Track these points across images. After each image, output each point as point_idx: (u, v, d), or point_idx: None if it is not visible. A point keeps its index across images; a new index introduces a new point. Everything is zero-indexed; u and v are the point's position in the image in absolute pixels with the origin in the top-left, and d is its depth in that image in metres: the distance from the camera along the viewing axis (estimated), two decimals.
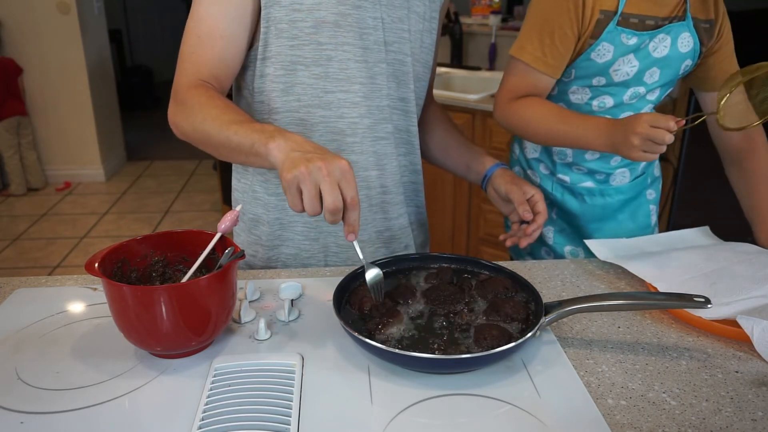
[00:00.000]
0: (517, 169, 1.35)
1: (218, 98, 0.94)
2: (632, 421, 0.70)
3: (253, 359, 0.79)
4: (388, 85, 1.05)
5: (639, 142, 1.00)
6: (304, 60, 0.99)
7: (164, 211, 4.03)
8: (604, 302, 0.84)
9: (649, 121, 0.99)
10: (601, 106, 1.21)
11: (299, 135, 0.84)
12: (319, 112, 1.02)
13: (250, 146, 0.84)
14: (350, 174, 0.77)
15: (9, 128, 4.04)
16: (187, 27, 0.98)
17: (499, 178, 1.12)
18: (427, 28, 1.10)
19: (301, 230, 1.10)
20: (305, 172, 0.75)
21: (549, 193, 1.31)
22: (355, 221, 0.79)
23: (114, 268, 0.83)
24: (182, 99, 0.95)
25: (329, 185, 0.75)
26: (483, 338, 0.78)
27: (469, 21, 3.30)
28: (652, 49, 1.14)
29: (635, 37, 1.12)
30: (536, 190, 1.07)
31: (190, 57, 0.98)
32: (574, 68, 1.17)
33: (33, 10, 4.05)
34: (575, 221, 1.33)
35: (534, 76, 1.17)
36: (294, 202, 0.78)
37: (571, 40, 1.13)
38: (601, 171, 1.29)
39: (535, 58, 1.15)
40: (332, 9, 0.97)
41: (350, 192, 0.77)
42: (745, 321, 0.84)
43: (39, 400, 0.73)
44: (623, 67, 1.15)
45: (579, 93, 1.21)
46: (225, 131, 0.88)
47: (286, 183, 0.77)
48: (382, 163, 1.08)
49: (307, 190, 0.76)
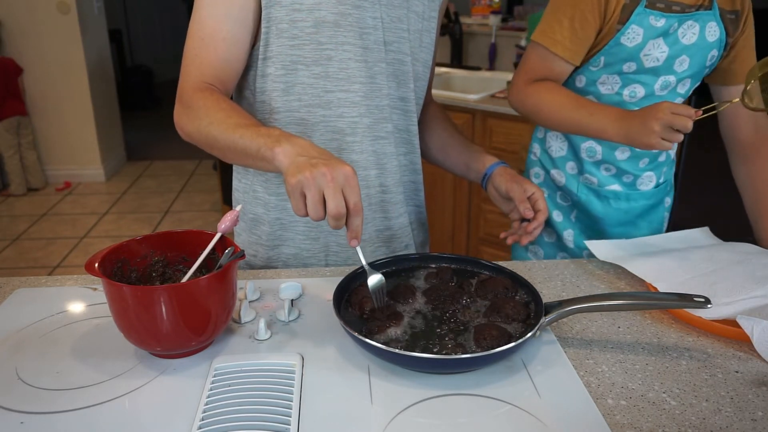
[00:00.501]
0: (536, 170, 1.32)
1: (224, 101, 0.94)
2: (632, 421, 0.70)
3: (253, 359, 0.79)
4: (388, 84, 1.05)
5: (659, 128, 1.00)
6: (304, 60, 0.99)
7: (164, 211, 4.03)
8: (604, 302, 0.84)
9: (671, 108, 0.99)
10: (632, 95, 1.19)
11: (305, 139, 0.85)
12: (319, 111, 1.02)
13: (256, 150, 0.85)
14: (354, 180, 0.78)
15: (9, 128, 4.04)
16: (189, 29, 0.99)
17: (499, 176, 1.11)
18: (426, 28, 1.10)
19: (302, 230, 1.10)
20: (309, 177, 0.76)
21: (573, 194, 1.29)
22: (358, 227, 0.79)
23: (114, 268, 0.83)
24: (188, 102, 0.96)
25: (333, 191, 0.76)
26: (483, 338, 0.78)
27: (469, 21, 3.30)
28: (681, 36, 1.14)
29: (663, 19, 1.11)
30: (537, 188, 1.07)
31: (193, 60, 0.98)
32: (604, 55, 1.16)
33: (33, 10, 4.05)
34: (597, 224, 1.31)
35: (552, 61, 1.17)
36: (298, 206, 0.78)
37: (593, 26, 1.12)
38: (630, 172, 1.28)
39: (554, 42, 1.15)
40: (332, 9, 0.97)
41: (353, 198, 0.77)
42: (745, 321, 0.84)
43: (39, 400, 0.73)
44: (653, 51, 1.14)
45: (609, 83, 1.19)
46: (231, 135, 0.89)
47: (290, 187, 0.78)
48: (381, 163, 1.08)
49: (310, 195, 0.77)
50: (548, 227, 1.31)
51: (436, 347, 0.78)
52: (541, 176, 1.32)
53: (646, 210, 1.32)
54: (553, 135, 1.28)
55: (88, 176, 4.48)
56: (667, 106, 1.00)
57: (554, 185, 1.30)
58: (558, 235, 1.31)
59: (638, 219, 1.32)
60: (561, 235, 1.30)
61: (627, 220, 1.31)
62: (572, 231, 1.31)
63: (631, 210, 1.30)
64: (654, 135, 1.01)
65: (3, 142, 4.04)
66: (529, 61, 1.20)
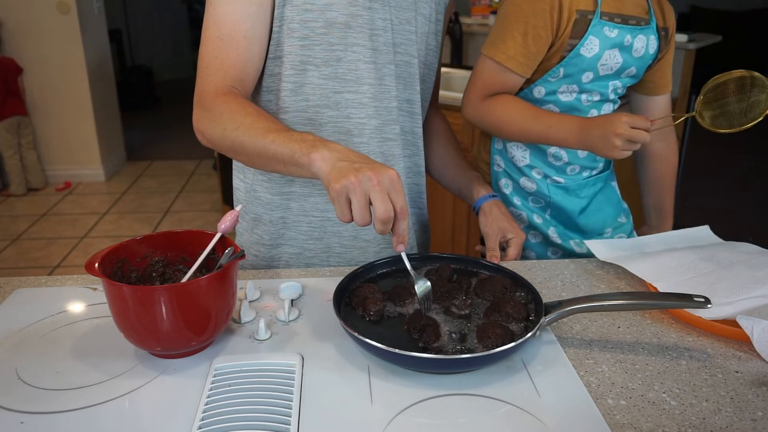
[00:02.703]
0: (505, 180, 1.34)
1: (249, 105, 0.92)
2: (632, 421, 0.70)
3: (253, 359, 0.79)
4: (396, 86, 1.06)
5: (620, 143, 1.07)
6: (314, 60, 0.99)
7: (164, 211, 4.03)
8: (604, 302, 0.84)
9: (629, 123, 1.07)
10: (588, 99, 1.25)
11: (341, 144, 0.83)
12: (327, 112, 1.02)
13: (290, 156, 0.84)
14: (399, 184, 0.77)
15: (9, 128, 4.04)
16: (205, 31, 0.96)
17: (482, 216, 1.15)
18: (432, 30, 1.11)
19: (305, 230, 1.10)
20: (355, 182, 0.75)
21: (546, 196, 1.32)
22: (404, 231, 0.79)
23: (114, 268, 0.83)
24: (209, 106, 0.94)
25: (380, 194, 0.75)
26: (483, 338, 0.78)
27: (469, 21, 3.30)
28: (634, 49, 1.21)
29: (616, 30, 1.17)
30: (516, 234, 1.11)
31: (213, 61, 0.95)
32: (563, 66, 1.19)
33: (33, 10, 4.04)
34: (572, 217, 1.34)
35: (505, 75, 1.20)
36: (343, 212, 0.77)
37: (545, 42, 1.17)
38: (594, 166, 1.34)
39: (508, 57, 1.18)
40: (343, 10, 0.97)
41: (400, 201, 0.77)
42: (745, 321, 0.84)
43: (39, 400, 0.73)
44: (609, 61, 1.19)
45: (567, 91, 1.24)
46: (261, 140, 0.87)
47: (335, 193, 0.77)
48: (388, 164, 1.08)
49: (356, 200, 0.76)
50: (533, 230, 1.34)
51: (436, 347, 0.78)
52: (511, 186, 1.34)
53: (602, 188, 1.37)
54: (514, 145, 1.31)
55: (88, 176, 4.48)
56: (625, 120, 1.07)
57: (525, 192, 1.32)
58: (543, 234, 1.33)
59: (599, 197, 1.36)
60: (546, 234, 1.33)
61: (590, 204, 1.35)
62: (554, 228, 1.34)
63: (595, 194, 1.35)
64: (616, 149, 1.08)
65: (3, 142, 4.04)
66: (482, 75, 1.23)
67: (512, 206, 1.34)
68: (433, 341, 0.79)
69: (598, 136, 1.10)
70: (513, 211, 1.34)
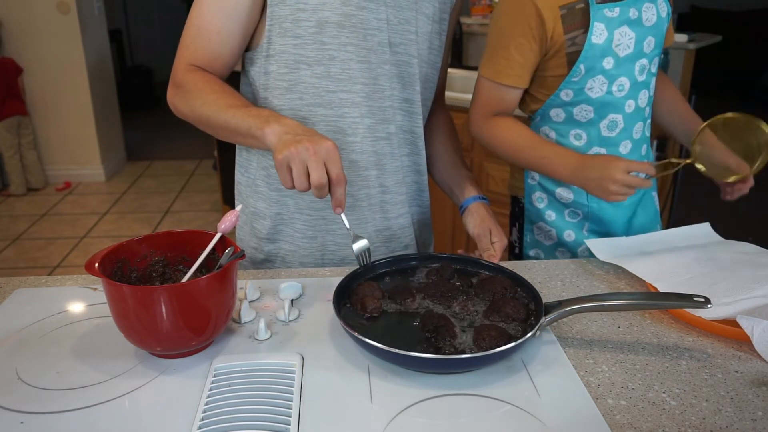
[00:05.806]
0: (539, 194, 1.30)
1: (215, 82, 1.00)
2: (632, 421, 0.70)
3: (253, 359, 0.79)
4: (391, 86, 1.06)
5: (616, 188, 1.07)
6: (306, 59, 1.00)
7: (164, 211, 4.03)
8: (604, 302, 0.84)
9: (627, 168, 1.06)
10: (620, 89, 1.21)
11: (293, 120, 0.91)
12: (320, 111, 1.03)
13: (246, 129, 0.92)
14: (335, 153, 0.85)
15: (9, 128, 4.04)
16: (189, 15, 1.02)
17: (470, 216, 1.15)
18: (436, 30, 1.10)
19: (300, 228, 1.10)
20: (294, 152, 0.84)
21: (584, 205, 1.27)
22: (341, 196, 0.87)
23: (114, 268, 0.83)
24: (180, 82, 1.01)
25: (315, 162, 0.83)
26: (482, 338, 0.78)
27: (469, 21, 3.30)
28: (645, 20, 1.17)
29: (617, 8, 1.14)
30: (500, 238, 1.10)
31: (190, 45, 1.02)
32: (582, 62, 1.16)
33: (33, 10, 4.04)
34: (609, 228, 1.29)
35: (500, 90, 1.21)
36: (285, 179, 0.86)
37: (528, 48, 1.16)
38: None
39: (496, 73, 1.19)
40: (336, 9, 0.97)
41: (335, 169, 0.85)
42: (745, 321, 0.84)
43: (39, 400, 0.73)
44: (623, 39, 1.16)
45: (596, 86, 1.19)
46: (223, 115, 0.95)
47: (277, 163, 0.85)
48: (382, 163, 1.09)
49: (295, 168, 0.84)
50: (560, 247, 1.31)
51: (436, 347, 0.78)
52: (545, 199, 1.30)
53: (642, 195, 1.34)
54: None
55: (88, 176, 4.48)
56: (623, 166, 1.07)
57: (561, 204, 1.28)
58: (571, 252, 1.30)
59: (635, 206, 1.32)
60: (575, 253, 1.29)
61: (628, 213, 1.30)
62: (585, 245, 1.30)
63: (633, 202, 1.30)
64: (611, 195, 1.09)
65: (3, 142, 4.04)
66: (482, 95, 1.24)
67: (543, 221, 1.30)
68: (448, 340, 0.79)
69: (595, 178, 1.10)
70: (542, 227, 1.31)
